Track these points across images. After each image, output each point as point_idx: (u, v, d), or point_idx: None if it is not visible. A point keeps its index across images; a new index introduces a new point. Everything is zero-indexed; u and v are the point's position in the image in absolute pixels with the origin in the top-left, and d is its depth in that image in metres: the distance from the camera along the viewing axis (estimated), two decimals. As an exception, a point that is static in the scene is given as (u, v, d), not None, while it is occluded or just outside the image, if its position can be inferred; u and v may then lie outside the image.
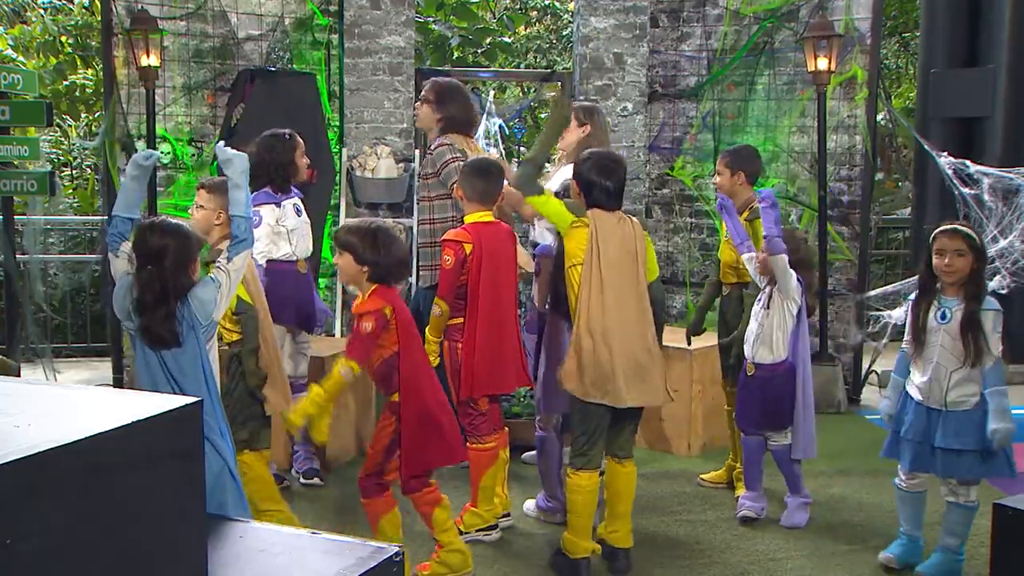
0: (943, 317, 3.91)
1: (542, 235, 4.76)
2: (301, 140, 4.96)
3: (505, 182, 4.42)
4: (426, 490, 3.89)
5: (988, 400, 3.81)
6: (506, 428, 4.49)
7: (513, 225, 4.78)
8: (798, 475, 4.58)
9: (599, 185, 3.95)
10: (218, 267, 3.38)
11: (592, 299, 3.85)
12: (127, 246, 3.32)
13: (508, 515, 4.51)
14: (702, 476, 5.20)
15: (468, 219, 4.28)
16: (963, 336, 3.84)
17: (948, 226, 4.00)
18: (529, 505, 4.69)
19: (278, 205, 4.83)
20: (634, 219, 4.07)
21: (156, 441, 1.92)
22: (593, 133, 4.90)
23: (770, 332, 4.42)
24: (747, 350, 4.51)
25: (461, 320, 4.26)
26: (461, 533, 4.27)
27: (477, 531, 4.34)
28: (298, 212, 4.95)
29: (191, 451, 2.01)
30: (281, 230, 4.84)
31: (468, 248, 4.15)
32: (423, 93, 5.09)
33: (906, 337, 4.10)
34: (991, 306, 3.87)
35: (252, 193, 4.60)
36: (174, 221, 3.35)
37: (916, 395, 3.98)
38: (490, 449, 4.31)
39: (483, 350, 4.21)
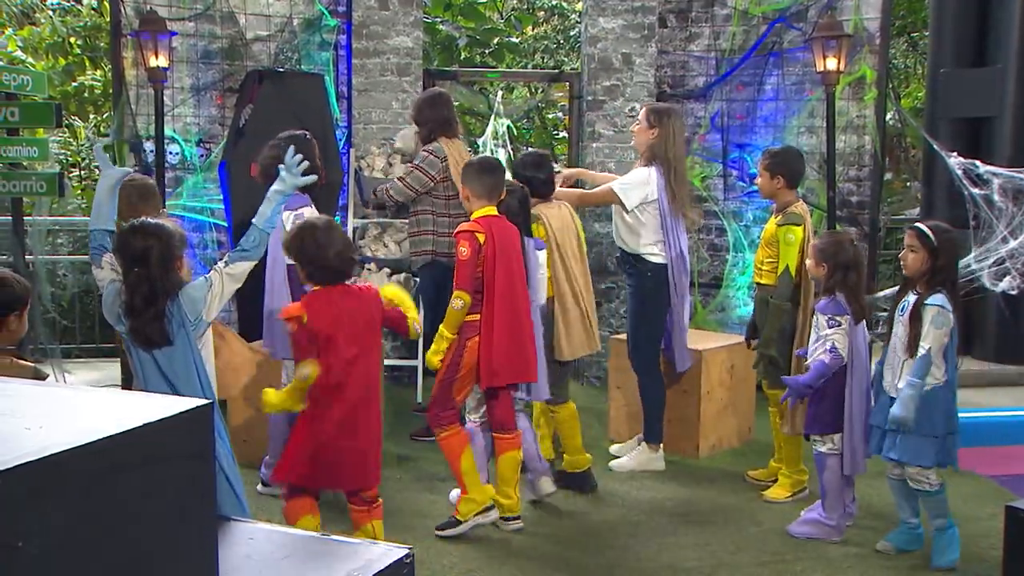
0: (902, 310, 4.11)
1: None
2: None
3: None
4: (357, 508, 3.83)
5: (904, 386, 3.98)
6: (519, 429, 4.51)
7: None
8: (829, 490, 4.37)
9: (537, 179, 4.77)
10: (215, 269, 3.36)
11: (563, 277, 4.83)
12: (109, 256, 3.30)
13: (519, 517, 4.50)
14: (749, 472, 5.22)
15: (476, 214, 4.36)
16: (909, 327, 4.01)
17: (914, 223, 4.23)
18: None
19: (309, 205, 4.81)
20: (565, 203, 4.92)
21: (167, 443, 1.92)
22: (662, 135, 5.11)
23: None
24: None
25: (476, 317, 4.29)
26: (459, 523, 4.33)
27: (475, 515, 4.35)
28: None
29: (202, 453, 2.01)
30: None
31: (482, 238, 4.24)
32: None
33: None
34: (935, 302, 3.98)
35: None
36: (154, 221, 3.32)
37: (885, 384, 4.16)
38: (455, 434, 4.33)
39: (503, 340, 4.28)
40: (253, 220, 3.43)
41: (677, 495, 4.98)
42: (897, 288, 4.34)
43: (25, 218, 6.93)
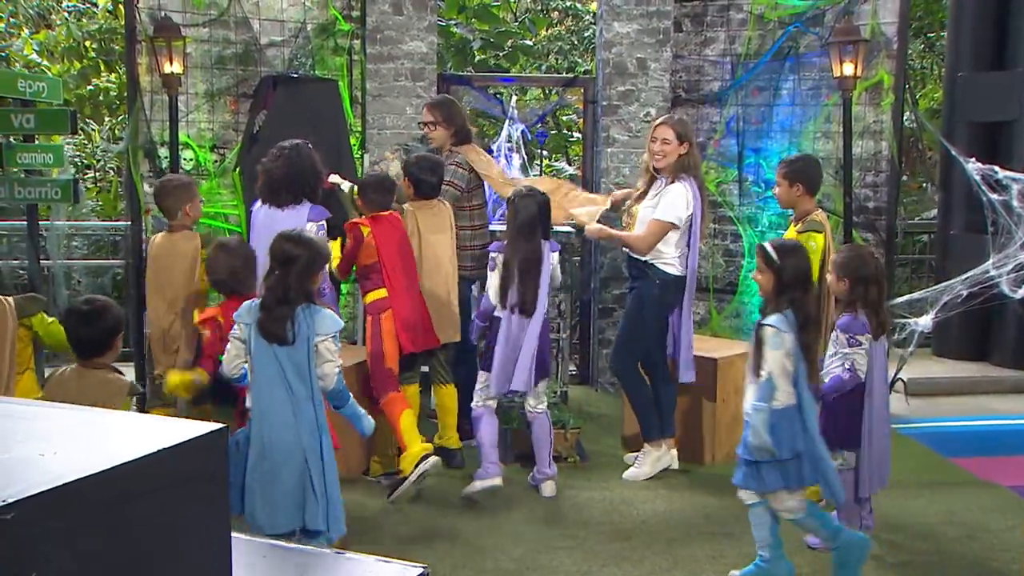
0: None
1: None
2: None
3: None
4: None
5: (751, 412, 3.83)
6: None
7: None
8: (852, 508, 4.29)
9: (426, 182, 5.17)
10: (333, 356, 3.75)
11: (425, 272, 5.19)
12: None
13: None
14: None
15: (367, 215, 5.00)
16: (753, 348, 3.92)
17: (761, 243, 4.15)
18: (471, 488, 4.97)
19: (323, 220, 4.91)
20: (446, 202, 5.32)
21: (181, 468, 1.91)
22: (692, 150, 5.21)
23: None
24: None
25: (383, 294, 4.94)
26: (404, 480, 4.76)
27: (415, 467, 4.73)
28: None
29: (215, 476, 2.00)
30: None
31: (366, 231, 4.88)
32: (429, 118, 5.71)
33: None
34: (769, 322, 3.84)
35: (297, 207, 4.69)
36: (308, 235, 3.86)
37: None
38: (394, 400, 4.86)
39: (404, 315, 4.95)
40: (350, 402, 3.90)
41: (692, 505, 4.95)
42: (932, 297, 4.25)
43: (42, 223, 6.95)
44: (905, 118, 6.90)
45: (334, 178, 5.35)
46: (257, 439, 3.61)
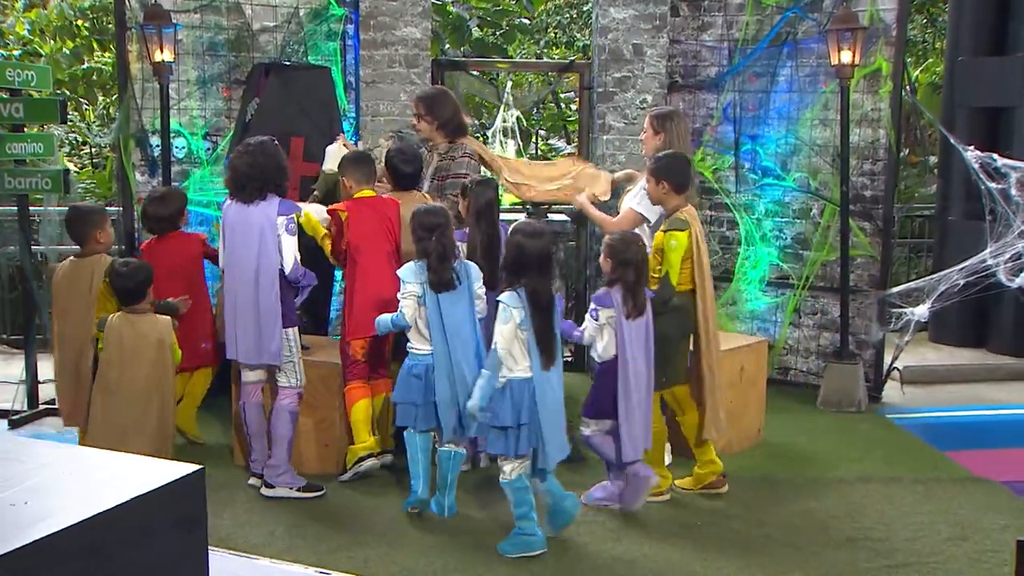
0: None
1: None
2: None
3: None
4: None
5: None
6: (386, 376, 5.14)
7: None
8: (607, 458, 4.75)
9: (405, 173, 5.27)
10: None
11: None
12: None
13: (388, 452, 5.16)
14: (676, 482, 5.10)
15: (356, 195, 5.10)
16: None
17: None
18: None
19: (296, 212, 4.87)
20: (427, 194, 5.36)
21: (159, 513, 1.89)
22: (668, 139, 5.23)
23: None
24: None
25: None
26: (345, 470, 5.01)
27: (354, 464, 4.94)
28: None
29: (193, 519, 1.98)
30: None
31: (344, 215, 5.00)
32: (415, 110, 5.66)
33: None
34: (500, 298, 4.23)
35: (263, 202, 4.64)
36: (441, 206, 4.66)
37: None
38: (355, 388, 5.01)
39: (361, 299, 4.96)
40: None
41: (684, 501, 4.93)
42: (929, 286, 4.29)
43: (34, 208, 6.91)
44: (904, 94, 6.81)
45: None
46: (442, 368, 4.44)
